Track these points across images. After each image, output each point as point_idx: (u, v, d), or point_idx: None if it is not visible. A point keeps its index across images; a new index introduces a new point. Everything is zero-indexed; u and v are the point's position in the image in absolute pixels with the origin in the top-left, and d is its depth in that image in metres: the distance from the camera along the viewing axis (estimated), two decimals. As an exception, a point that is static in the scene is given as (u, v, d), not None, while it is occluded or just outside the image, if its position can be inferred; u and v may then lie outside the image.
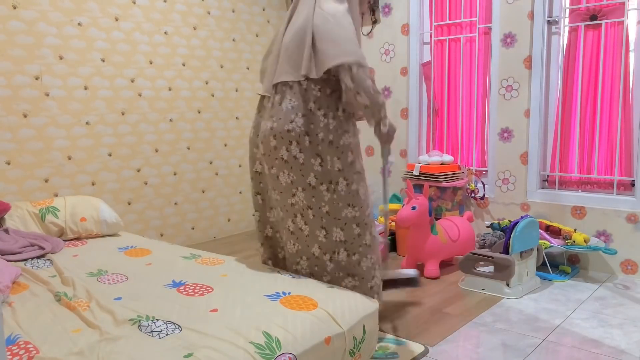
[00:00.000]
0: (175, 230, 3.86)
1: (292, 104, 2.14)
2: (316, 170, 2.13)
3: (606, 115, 3.19)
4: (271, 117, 2.18)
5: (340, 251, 2.18)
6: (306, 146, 2.12)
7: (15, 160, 3.02)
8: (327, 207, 2.15)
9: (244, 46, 4.24)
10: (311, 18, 2.12)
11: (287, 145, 2.12)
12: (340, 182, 2.15)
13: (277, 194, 2.22)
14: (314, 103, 2.14)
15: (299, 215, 2.19)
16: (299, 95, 2.14)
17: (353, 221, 2.18)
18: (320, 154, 2.13)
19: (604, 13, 3.14)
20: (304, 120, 2.12)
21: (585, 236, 3.02)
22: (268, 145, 2.17)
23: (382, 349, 2.19)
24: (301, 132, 2.11)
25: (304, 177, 2.14)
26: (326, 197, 2.15)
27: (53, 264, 2.31)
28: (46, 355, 1.46)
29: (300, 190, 2.15)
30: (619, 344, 2.23)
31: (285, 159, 2.14)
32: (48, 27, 3.10)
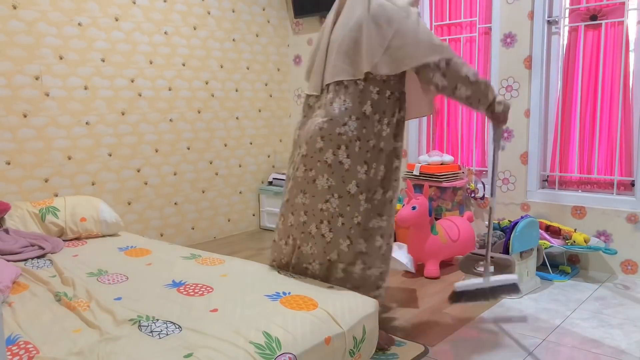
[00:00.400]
0: (175, 230, 3.86)
1: (346, 105, 2.03)
2: (360, 178, 2.05)
3: (606, 115, 3.19)
4: (321, 117, 2.07)
5: (357, 262, 2.11)
6: (355, 152, 2.03)
7: (15, 160, 3.02)
8: (360, 217, 2.08)
9: (244, 46, 4.24)
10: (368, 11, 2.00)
11: (334, 149, 2.03)
12: (377, 190, 2.09)
13: (308, 197, 2.12)
14: (371, 107, 2.04)
15: (326, 222, 2.09)
16: (354, 97, 2.03)
17: (378, 232, 2.12)
18: (367, 162, 2.05)
19: (604, 13, 3.14)
20: (357, 124, 2.03)
21: (585, 236, 3.02)
22: (313, 147, 2.07)
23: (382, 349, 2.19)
24: (353, 137, 2.02)
25: (345, 184, 2.05)
26: (362, 207, 2.07)
27: (53, 264, 2.32)
28: (46, 355, 1.46)
29: (336, 197, 2.06)
30: (619, 344, 2.23)
31: (329, 162, 2.05)
32: (48, 27, 3.10)
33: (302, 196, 2.14)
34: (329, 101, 2.08)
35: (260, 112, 4.41)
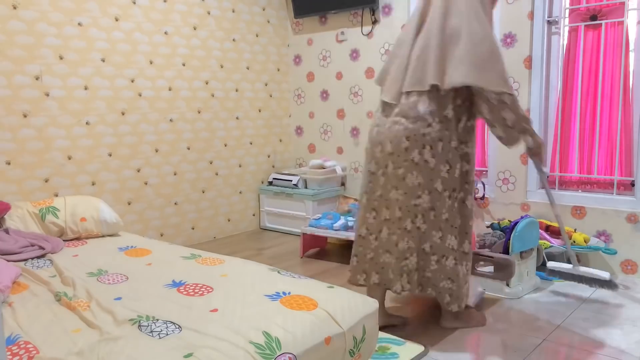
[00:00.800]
0: (175, 230, 3.86)
1: (430, 108, 2.18)
2: (443, 176, 2.22)
3: (606, 115, 3.19)
4: (405, 118, 2.21)
5: (449, 257, 2.28)
6: (438, 152, 2.19)
7: (15, 160, 3.02)
8: (447, 214, 2.25)
9: (244, 46, 4.24)
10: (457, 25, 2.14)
11: (420, 148, 2.19)
12: (457, 189, 2.26)
13: (401, 194, 2.26)
14: (452, 110, 2.20)
15: (420, 215, 2.26)
16: (436, 101, 2.19)
17: (462, 229, 2.30)
18: (449, 161, 2.22)
19: (604, 13, 3.14)
20: (440, 126, 2.19)
21: (585, 236, 3.02)
22: (399, 146, 2.22)
23: (382, 349, 2.19)
24: (436, 137, 2.18)
25: (432, 181, 2.21)
26: (447, 204, 2.24)
27: (53, 264, 2.31)
28: (46, 355, 1.46)
29: (426, 193, 2.23)
30: (619, 344, 2.23)
31: (416, 161, 2.20)
32: (48, 27, 3.10)
33: (395, 192, 2.29)
34: (413, 104, 2.21)
35: (260, 112, 4.41)
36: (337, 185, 4.29)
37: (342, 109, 4.33)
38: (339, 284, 2.96)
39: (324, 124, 4.47)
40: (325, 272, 3.26)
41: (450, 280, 2.30)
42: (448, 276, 2.30)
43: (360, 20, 4.12)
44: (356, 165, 4.29)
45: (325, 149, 4.48)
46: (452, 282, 2.30)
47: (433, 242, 2.28)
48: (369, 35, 4.09)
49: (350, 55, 4.21)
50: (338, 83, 4.32)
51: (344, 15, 4.21)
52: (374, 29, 4.07)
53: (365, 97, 4.17)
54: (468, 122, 2.26)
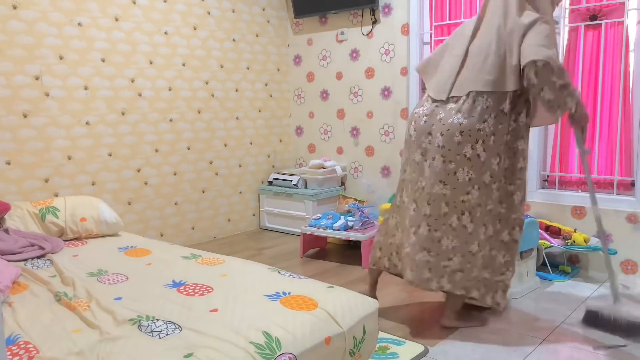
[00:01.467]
0: (175, 230, 3.86)
1: (487, 103, 2.22)
2: (493, 169, 2.24)
3: (606, 116, 3.19)
4: (461, 113, 2.24)
5: (487, 246, 2.32)
6: (490, 145, 2.22)
7: (15, 160, 3.02)
8: (492, 205, 2.29)
9: (244, 46, 4.24)
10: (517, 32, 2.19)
11: (473, 143, 2.22)
12: (502, 180, 2.29)
13: (449, 188, 2.27)
14: (509, 104, 2.23)
15: (467, 212, 2.27)
16: (496, 97, 2.22)
17: (499, 216, 2.32)
18: (500, 154, 2.25)
19: (604, 13, 3.14)
20: (495, 120, 2.21)
21: (585, 236, 3.02)
22: (451, 140, 2.24)
23: (382, 349, 2.19)
24: (490, 132, 2.21)
25: (482, 175, 2.24)
26: (494, 195, 2.27)
27: (53, 264, 2.31)
28: (46, 355, 1.46)
29: (476, 188, 2.25)
30: (618, 344, 2.23)
31: (468, 156, 2.22)
32: (48, 27, 3.10)
33: (441, 186, 2.28)
34: (472, 99, 2.24)
35: (260, 112, 4.41)
36: (337, 185, 4.29)
37: (342, 109, 4.33)
38: (339, 284, 2.96)
39: (324, 124, 4.47)
40: (325, 272, 3.26)
41: (487, 269, 2.33)
42: (486, 265, 2.32)
43: (360, 20, 4.12)
44: (356, 165, 4.29)
45: (325, 149, 4.48)
46: (487, 271, 2.33)
47: (479, 239, 2.30)
48: (369, 35, 4.09)
49: (350, 55, 4.21)
50: (338, 83, 4.32)
51: (344, 15, 4.21)
52: (374, 29, 4.07)
53: (365, 97, 4.17)
54: (527, 117, 2.29)
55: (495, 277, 2.36)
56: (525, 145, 2.31)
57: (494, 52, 2.23)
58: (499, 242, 2.35)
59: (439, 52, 2.46)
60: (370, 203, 4.13)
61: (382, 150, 4.12)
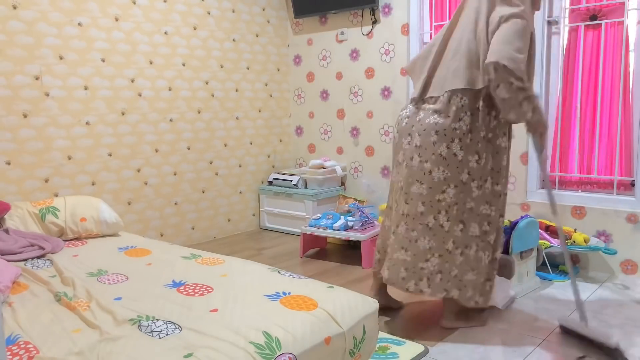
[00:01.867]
0: (175, 230, 3.86)
1: (462, 102, 2.22)
2: (471, 167, 2.23)
3: (606, 115, 3.19)
4: (438, 113, 2.24)
5: (472, 245, 2.30)
6: (467, 143, 2.21)
7: (15, 160, 3.02)
8: (473, 203, 2.27)
9: (244, 46, 4.24)
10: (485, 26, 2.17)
11: (448, 142, 2.21)
12: (488, 180, 2.27)
13: (426, 188, 2.27)
14: (483, 101, 2.21)
15: (444, 211, 2.26)
16: (471, 95, 2.22)
17: (486, 218, 2.30)
18: (478, 152, 2.23)
19: (604, 13, 3.14)
20: (470, 118, 2.21)
21: (585, 236, 3.02)
22: (427, 140, 2.24)
23: (382, 349, 2.19)
24: (466, 130, 2.20)
25: (459, 174, 2.22)
26: (474, 194, 2.25)
27: (53, 264, 2.31)
28: (46, 355, 1.46)
29: (452, 187, 2.24)
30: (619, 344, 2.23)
31: (443, 155, 2.22)
32: (48, 27, 3.10)
33: (418, 185, 2.29)
34: (447, 99, 2.24)
35: (260, 112, 4.41)
36: (337, 185, 4.29)
37: (342, 109, 4.33)
38: (339, 284, 2.97)
39: (324, 124, 4.47)
40: (325, 272, 3.26)
41: (473, 270, 2.31)
42: (471, 266, 2.31)
43: (360, 20, 4.12)
44: (356, 165, 4.29)
45: (325, 149, 4.48)
46: (473, 272, 2.31)
47: (455, 236, 2.28)
48: (369, 35, 4.09)
49: (350, 55, 4.21)
50: (338, 83, 4.32)
51: (344, 15, 4.21)
52: (374, 28, 4.07)
53: (365, 97, 4.17)
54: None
55: (482, 279, 2.34)
56: (507, 142, 2.30)
57: (467, 49, 2.22)
58: (486, 242, 2.33)
59: (425, 52, 2.44)
60: (370, 203, 4.13)
61: (382, 150, 4.12)
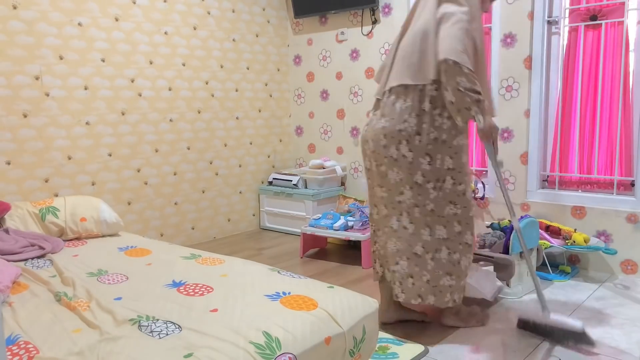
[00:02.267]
0: (175, 230, 3.86)
1: (406, 104, 2.20)
2: (424, 169, 2.21)
3: (606, 115, 3.19)
4: (384, 117, 2.24)
5: (442, 249, 2.26)
6: (416, 145, 2.19)
7: (15, 160, 3.02)
8: (432, 204, 2.23)
9: (244, 46, 4.24)
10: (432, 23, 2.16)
11: (396, 144, 2.20)
12: (447, 180, 2.22)
13: (385, 190, 2.30)
14: (430, 103, 2.18)
15: (405, 213, 2.26)
16: (414, 95, 2.19)
17: (454, 218, 2.25)
18: (429, 153, 2.19)
19: (604, 13, 3.14)
20: (417, 120, 2.18)
21: (585, 236, 3.02)
22: (378, 144, 2.26)
23: (382, 349, 2.19)
24: (412, 132, 2.18)
25: (412, 175, 2.21)
26: (432, 195, 2.22)
27: (53, 264, 2.31)
28: (46, 355, 1.46)
29: (407, 188, 2.23)
30: (619, 344, 2.23)
31: (394, 157, 2.21)
32: (48, 27, 3.10)
33: (380, 189, 2.33)
34: (392, 102, 2.24)
35: (260, 112, 4.41)
36: (337, 185, 4.29)
37: (342, 109, 4.33)
38: (339, 284, 2.96)
39: (324, 124, 4.47)
40: (325, 272, 3.26)
41: (449, 274, 2.27)
42: (446, 270, 2.27)
43: (360, 20, 4.12)
44: (356, 165, 4.29)
45: (325, 149, 4.48)
46: (450, 276, 2.27)
47: (424, 240, 2.26)
48: (369, 35, 4.09)
49: (350, 55, 4.21)
50: (338, 83, 4.32)
51: (344, 15, 4.21)
52: (374, 28, 4.07)
53: (365, 97, 4.17)
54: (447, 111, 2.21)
55: (461, 282, 2.31)
56: (464, 140, 2.23)
57: (412, 50, 2.21)
58: (463, 244, 2.28)
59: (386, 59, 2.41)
60: (370, 203, 4.12)
61: (382, 150, 4.12)
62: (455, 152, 2.21)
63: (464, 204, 2.26)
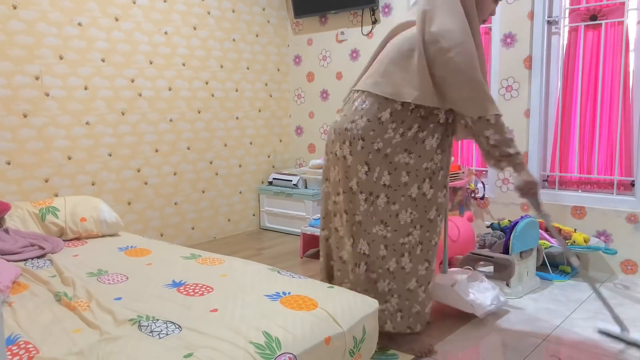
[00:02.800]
0: (175, 230, 3.86)
1: (362, 105, 2.07)
2: (360, 177, 2.07)
3: (606, 115, 3.19)
4: (341, 113, 2.20)
5: (361, 265, 2.13)
6: (357, 150, 2.05)
7: (15, 160, 3.02)
8: (361, 217, 2.10)
9: (244, 46, 4.24)
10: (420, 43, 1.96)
11: (340, 143, 2.11)
12: (380, 196, 2.07)
13: (329, 186, 2.26)
14: (390, 115, 2.02)
15: (339, 215, 2.20)
16: (373, 101, 2.05)
17: (382, 241, 2.09)
18: (368, 163, 2.05)
19: (604, 13, 3.14)
20: (366, 124, 2.03)
21: (585, 236, 3.02)
22: (329, 138, 2.21)
23: (382, 349, 2.19)
24: (357, 135, 2.04)
25: (348, 179, 2.11)
26: (362, 207, 2.09)
27: (53, 264, 2.31)
28: (46, 355, 1.46)
29: (342, 192, 2.15)
30: (619, 344, 2.23)
31: (337, 155, 2.14)
32: (48, 27, 3.10)
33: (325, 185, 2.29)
34: (353, 100, 2.16)
35: (260, 112, 4.41)
36: (337, 185, 4.28)
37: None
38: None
39: (324, 124, 4.47)
40: (325, 272, 3.25)
41: (366, 292, 2.12)
42: (363, 288, 2.13)
43: (360, 20, 4.12)
44: (356, 165, 4.29)
45: (325, 149, 4.48)
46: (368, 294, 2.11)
47: (347, 249, 2.16)
48: (369, 35, 4.09)
49: (350, 55, 4.21)
50: (338, 83, 4.32)
51: (344, 15, 4.21)
52: (374, 28, 4.07)
53: (365, 97, 4.17)
54: (420, 133, 2.05)
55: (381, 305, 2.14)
56: (412, 160, 2.05)
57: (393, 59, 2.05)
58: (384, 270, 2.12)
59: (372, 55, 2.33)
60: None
61: (382, 150, 4.12)
62: (395, 168, 2.04)
63: (395, 228, 2.08)
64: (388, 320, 2.16)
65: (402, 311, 2.16)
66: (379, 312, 2.11)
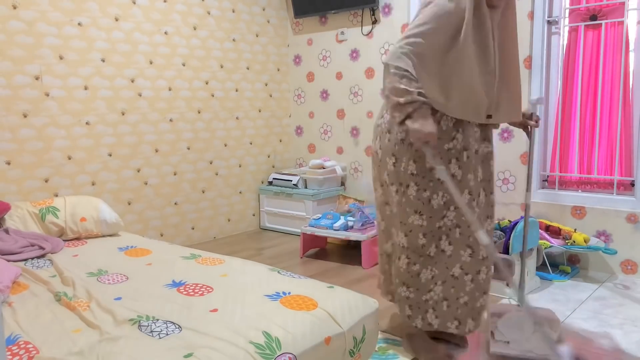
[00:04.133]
0: (175, 230, 3.86)
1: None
2: (389, 169, 2.09)
3: (606, 115, 3.19)
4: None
5: (401, 257, 2.11)
6: (385, 143, 2.10)
7: (15, 160, 3.02)
8: (395, 208, 2.11)
9: (244, 46, 4.24)
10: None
11: (374, 139, 2.18)
12: (410, 185, 2.04)
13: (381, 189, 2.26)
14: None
15: (379, 210, 2.24)
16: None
17: (419, 230, 2.05)
18: (395, 154, 2.06)
19: (604, 13, 3.14)
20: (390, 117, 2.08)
21: (585, 236, 3.02)
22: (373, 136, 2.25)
23: (382, 349, 2.19)
24: (385, 129, 2.11)
25: (380, 174, 2.17)
26: (395, 199, 2.10)
27: (53, 264, 2.31)
28: (46, 355, 1.46)
29: (379, 185, 2.20)
30: (618, 344, 2.23)
31: (373, 151, 2.20)
32: (48, 27, 3.10)
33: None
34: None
35: (260, 112, 4.41)
36: (337, 185, 4.29)
37: (342, 109, 4.33)
38: (339, 284, 2.96)
39: (324, 124, 4.47)
40: (325, 272, 3.26)
41: (405, 285, 2.10)
42: (402, 280, 2.10)
43: (360, 20, 4.12)
44: (356, 165, 4.29)
45: (325, 149, 4.48)
46: (407, 287, 2.09)
47: (393, 240, 2.20)
48: (369, 35, 4.09)
49: (350, 55, 4.21)
50: (338, 83, 4.32)
51: (344, 15, 4.21)
52: (374, 28, 4.07)
53: (365, 97, 4.17)
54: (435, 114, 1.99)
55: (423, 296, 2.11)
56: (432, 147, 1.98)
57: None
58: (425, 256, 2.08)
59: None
60: (370, 203, 4.12)
61: (382, 150, 4.12)
62: (419, 156, 2.01)
63: (430, 214, 2.03)
64: (431, 309, 2.08)
65: (448, 300, 2.08)
66: (423, 303, 2.08)
